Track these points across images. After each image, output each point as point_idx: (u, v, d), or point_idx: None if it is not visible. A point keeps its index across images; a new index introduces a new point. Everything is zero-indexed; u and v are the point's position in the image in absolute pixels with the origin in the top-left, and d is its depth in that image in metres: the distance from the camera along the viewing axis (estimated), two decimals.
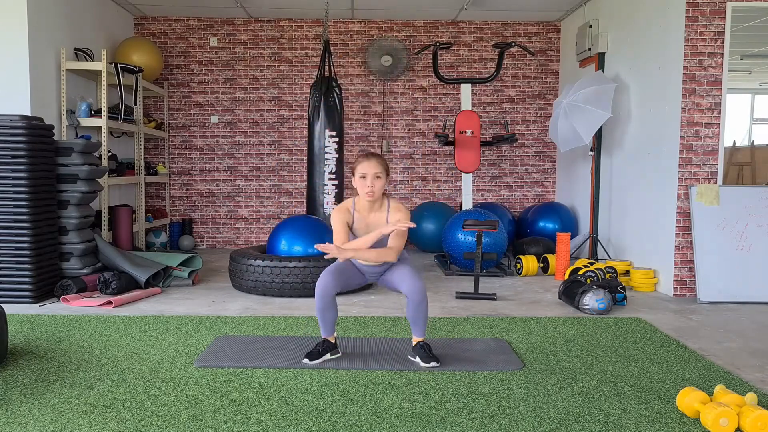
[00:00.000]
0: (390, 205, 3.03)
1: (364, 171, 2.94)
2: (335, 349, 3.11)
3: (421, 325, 3.05)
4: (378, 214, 3.02)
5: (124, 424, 2.30)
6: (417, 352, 3.05)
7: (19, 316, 3.92)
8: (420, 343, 3.06)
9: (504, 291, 4.94)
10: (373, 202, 3.00)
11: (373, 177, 2.94)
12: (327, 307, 2.99)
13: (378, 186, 2.95)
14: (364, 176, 2.94)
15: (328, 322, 3.04)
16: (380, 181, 2.95)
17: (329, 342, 3.09)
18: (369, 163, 2.95)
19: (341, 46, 7.55)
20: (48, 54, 5.36)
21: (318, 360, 3.02)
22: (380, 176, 2.95)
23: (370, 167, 2.94)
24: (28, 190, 4.29)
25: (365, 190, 2.94)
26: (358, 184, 2.97)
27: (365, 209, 3.02)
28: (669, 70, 4.94)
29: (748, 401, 2.38)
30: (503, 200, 7.77)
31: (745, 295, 4.59)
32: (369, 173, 2.94)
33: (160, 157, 7.57)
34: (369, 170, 2.94)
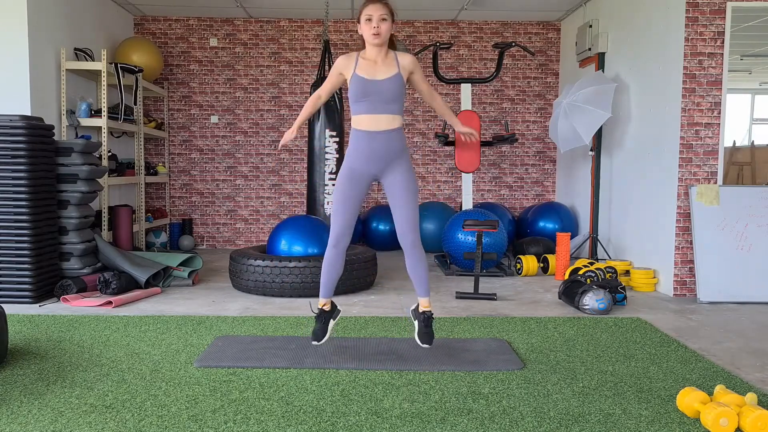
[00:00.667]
0: (397, 53, 2.97)
1: (369, 13, 2.88)
2: (335, 311, 3.08)
3: (423, 281, 2.98)
4: (386, 60, 2.94)
5: (124, 424, 2.30)
6: (417, 318, 3.01)
7: (19, 316, 3.92)
8: (426, 312, 3.00)
9: (504, 291, 4.94)
10: (380, 47, 2.92)
11: (379, 19, 2.87)
12: (337, 258, 2.95)
13: (384, 28, 2.87)
14: (370, 18, 2.88)
15: (333, 278, 2.99)
16: (386, 24, 2.88)
17: (325, 311, 3.04)
18: (374, 5, 2.89)
19: (341, 46, 7.55)
20: (48, 54, 5.36)
21: (326, 336, 2.99)
22: (386, 18, 2.88)
23: (375, 9, 2.87)
24: (28, 190, 4.29)
25: (371, 32, 2.87)
26: (363, 28, 2.90)
27: (372, 55, 2.93)
28: (669, 70, 4.94)
29: (748, 401, 2.38)
30: (503, 200, 7.77)
31: (745, 295, 4.59)
32: (374, 15, 2.87)
33: (160, 157, 7.57)
34: (374, 12, 2.87)
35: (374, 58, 2.93)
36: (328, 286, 3.03)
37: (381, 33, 2.87)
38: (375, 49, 2.92)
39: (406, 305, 4.37)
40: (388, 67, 2.92)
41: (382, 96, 2.88)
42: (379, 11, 2.87)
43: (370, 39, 2.89)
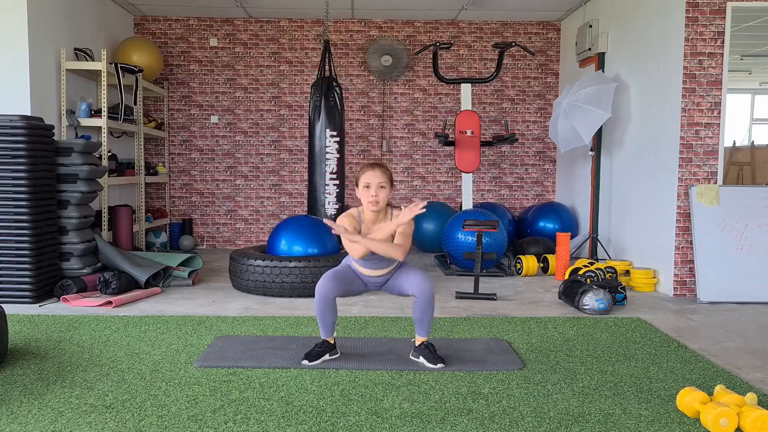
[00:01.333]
0: (394, 213, 3.02)
1: (368, 180, 2.94)
2: (334, 350, 3.11)
3: (426, 326, 3.04)
4: (383, 224, 3.00)
5: (124, 424, 2.30)
6: (421, 353, 3.04)
7: (19, 316, 3.92)
8: (424, 343, 3.06)
9: (504, 291, 4.94)
10: (377, 212, 2.99)
11: (377, 187, 2.93)
12: (326, 309, 2.99)
13: (382, 196, 2.94)
14: (368, 186, 2.94)
15: (328, 323, 3.04)
16: (384, 191, 2.95)
17: (328, 343, 3.08)
18: (373, 172, 2.94)
19: (341, 46, 7.55)
20: (48, 54, 5.36)
21: (317, 361, 3.02)
22: (384, 186, 2.94)
23: (374, 177, 2.93)
24: (28, 190, 4.29)
25: (369, 200, 2.94)
26: (362, 194, 2.97)
27: (370, 219, 3.01)
28: (669, 70, 4.94)
29: (748, 401, 2.38)
30: (503, 200, 7.77)
31: (745, 295, 4.59)
32: (373, 183, 2.93)
33: (160, 157, 7.57)
34: (373, 180, 2.93)
35: (372, 220, 3.02)
36: (326, 327, 3.06)
37: (379, 201, 2.94)
38: (373, 214, 3.00)
39: (406, 305, 4.37)
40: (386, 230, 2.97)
41: (380, 258, 2.97)
42: (377, 179, 2.93)
43: (368, 206, 2.96)
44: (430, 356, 3.01)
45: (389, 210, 3.05)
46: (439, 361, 2.98)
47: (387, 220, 3.02)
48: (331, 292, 2.95)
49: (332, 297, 2.97)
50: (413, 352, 3.11)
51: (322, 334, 3.08)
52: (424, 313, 2.99)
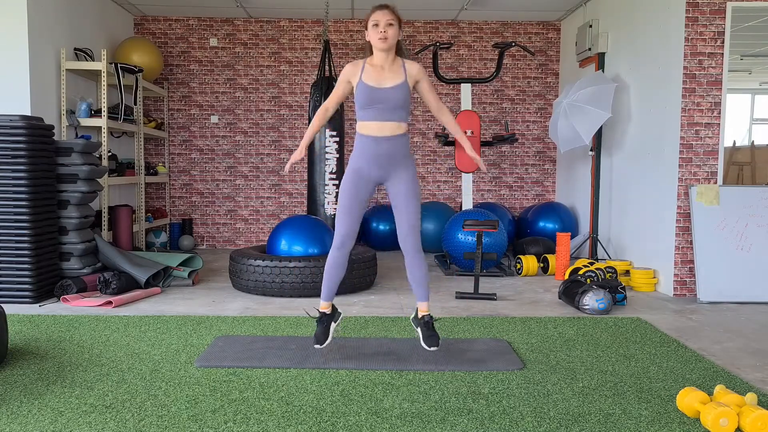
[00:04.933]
0: (404, 60, 2.98)
1: (376, 19, 2.89)
2: (337, 313, 3.09)
3: (422, 287, 3.00)
4: (393, 67, 2.95)
5: (124, 424, 2.30)
6: (419, 325, 3.01)
7: (19, 316, 3.92)
8: (426, 316, 3.01)
9: (504, 291, 4.94)
10: (387, 52, 2.93)
11: (386, 24, 2.88)
12: (341, 260, 2.97)
13: (391, 33, 2.89)
14: (377, 24, 2.89)
15: (335, 281, 3.01)
16: (393, 29, 2.90)
17: (326, 313, 3.04)
18: (381, 12, 2.90)
19: (341, 46, 7.55)
20: (48, 54, 5.36)
21: (328, 339, 2.99)
22: (393, 23, 2.90)
23: (382, 15, 2.89)
24: (28, 190, 4.29)
25: (378, 36, 2.88)
26: (370, 33, 2.92)
27: (379, 61, 2.95)
28: (669, 70, 4.94)
29: (748, 401, 2.38)
30: (503, 200, 7.77)
31: (745, 295, 4.59)
32: (381, 20, 2.88)
33: (160, 157, 7.57)
34: (381, 17, 2.89)
35: (381, 64, 2.94)
36: (330, 288, 3.04)
37: (388, 38, 2.88)
38: (382, 54, 2.93)
39: (406, 305, 4.37)
40: (394, 75, 2.93)
41: (389, 104, 2.90)
42: (386, 17, 2.89)
43: (378, 44, 2.90)
44: (426, 333, 2.96)
45: (399, 59, 2.97)
46: (433, 344, 2.92)
47: (396, 67, 2.94)
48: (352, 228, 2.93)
49: (354, 233, 2.94)
50: (414, 319, 3.08)
51: (322, 298, 3.04)
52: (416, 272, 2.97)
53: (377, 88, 2.90)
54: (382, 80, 2.91)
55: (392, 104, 2.90)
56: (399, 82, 2.92)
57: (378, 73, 2.92)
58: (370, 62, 2.96)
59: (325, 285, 3.03)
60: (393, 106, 2.90)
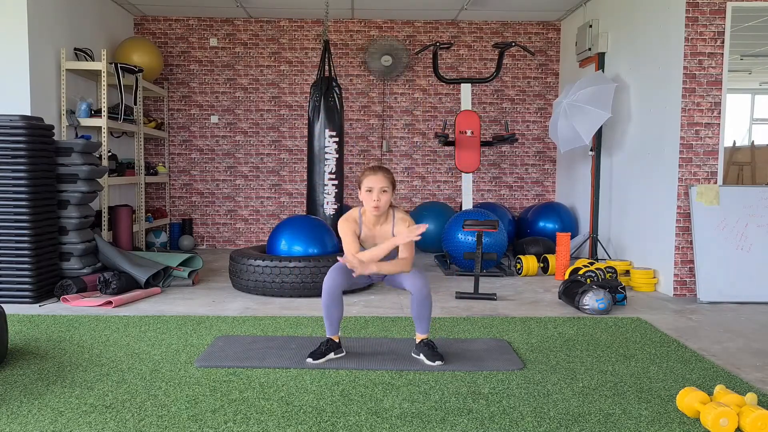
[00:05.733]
0: (395, 216, 3.06)
1: (370, 185, 2.97)
2: (339, 349, 3.12)
3: (425, 322, 3.07)
4: (384, 226, 3.06)
5: (124, 424, 2.30)
6: (421, 350, 3.06)
7: (19, 316, 3.92)
8: (424, 340, 3.08)
9: (504, 291, 4.94)
10: (379, 216, 3.03)
11: (380, 191, 2.96)
12: (333, 304, 3.00)
13: (384, 200, 2.98)
14: (371, 190, 2.97)
15: (334, 320, 3.05)
16: (386, 195, 2.98)
17: (333, 341, 3.10)
18: (375, 177, 2.98)
19: (341, 46, 7.55)
20: (48, 54, 5.36)
21: (321, 359, 3.03)
22: (386, 190, 2.98)
23: (376, 181, 2.97)
24: (28, 190, 4.29)
25: (372, 204, 2.97)
26: (364, 197, 3.00)
27: (371, 221, 3.06)
28: (669, 70, 4.94)
29: (748, 401, 2.38)
30: (503, 200, 7.77)
31: (745, 295, 4.59)
32: (375, 187, 2.96)
33: (160, 157, 7.57)
34: (375, 184, 2.97)
35: (374, 222, 3.06)
36: (332, 323, 3.08)
37: (380, 206, 2.98)
38: (374, 217, 3.04)
39: (406, 305, 4.37)
40: (385, 234, 3.05)
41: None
42: (380, 183, 2.97)
43: (371, 211, 3.01)
44: (429, 353, 3.02)
45: (390, 211, 3.08)
46: (438, 359, 2.99)
47: (388, 220, 3.06)
48: (338, 285, 2.98)
49: (339, 290, 2.99)
50: (414, 350, 3.13)
51: (327, 332, 3.09)
52: (421, 309, 3.02)
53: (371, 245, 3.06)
54: (375, 238, 3.06)
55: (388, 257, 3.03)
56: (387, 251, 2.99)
57: (371, 233, 3.06)
58: (364, 221, 3.07)
59: (326, 321, 3.07)
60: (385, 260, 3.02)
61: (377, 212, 2.99)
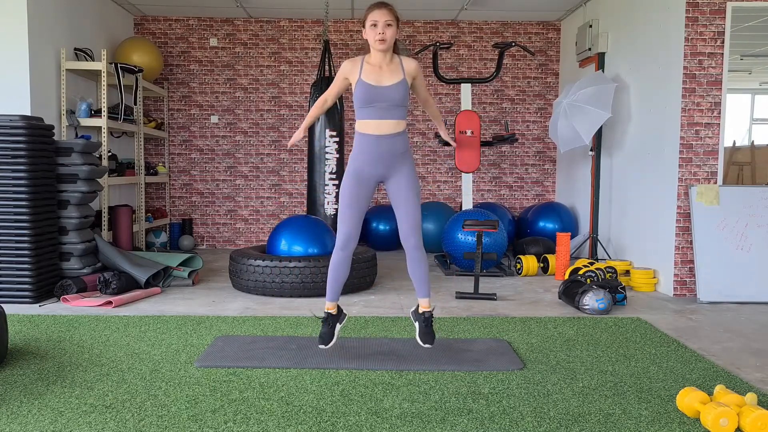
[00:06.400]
0: (402, 58, 2.99)
1: (374, 19, 2.89)
2: (342, 315, 3.09)
3: (423, 284, 3.01)
4: (391, 65, 2.96)
5: (124, 424, 2.30)
6: (418, 320, 3.03)
7: (19, 316, 3.92)
8: (426, 312, 3.02)
9: (504, 291, 4.94)
10: (384, 52, 2.94)
11: (384, 24, 2.88)
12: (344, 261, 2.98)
13: (389, 34, 2.89)
14: (375, 24, 2.89)
15: (340, 281, 3.02)
16: (391, 29, 2.90)
17: (332, 314, 3.05)
18: (380, 11, 2.90)
19: (341, 46, 7.55)
20: (48, 54, 5.36)
21: (333, 340, 3.00)
22: (391, 24, 2.90)
23: (380, 15, 2.89)
24: (28, 190, 4.29)
25: (376, 38, 2.89)
26: (368, 33, 2.92)
27: (377, 60, 2.95)
28: (669, 70, 4.94)
29: (748, 401, 2.38)
30: (503, 200, 7.77)
31: (745, 295, 4.59)
32: (380, 21, 2.88)
33: (160, 157, 7.57)
34: (380, 18, 2.88)
35: (379, 64, 2.95)
36: (334, 289, 3.04)
37: (386, 39, 2.89)
38: (380, 54, 2.94)
39: (406, 305, 4.37)
40: (393, 73, 2.94)
41: (388, 102, 2.91)
42: (384, 17, 2.89)
43: (375, 45, 2.90)
44: (423, 330, 2.98)
45: (396, 57, 2.99)
46: (428, 341, 2.95)
47: (395, 66, 2.96)
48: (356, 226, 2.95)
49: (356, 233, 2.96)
50: (414, 312, 3.09)
51: (328, 299, 3.05)
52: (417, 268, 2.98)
53: (376, 87, 2.91)
54: (381, 79, 2.92)
55: (392, 102, 2.91)
56: (398, 80, 2.93)
57: (377, 72, 2.93)
58: (368, 60, 2.97)
59: (329, 285, 3.04)
60: (392, 104, 2.91)
61: (383, 46, 2.89)
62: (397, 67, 2.96)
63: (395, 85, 2.91)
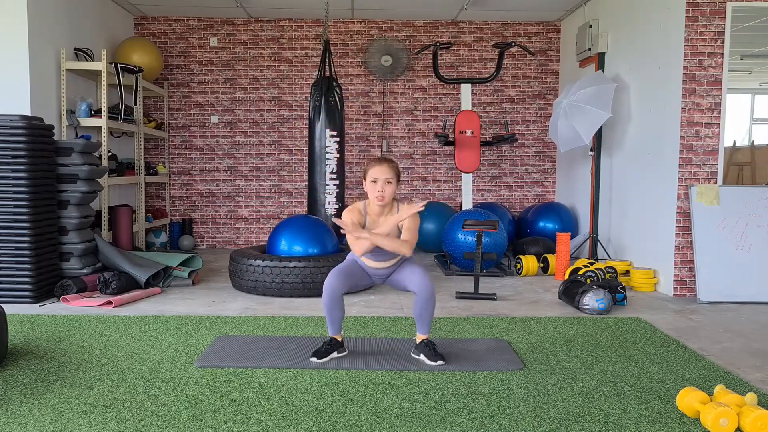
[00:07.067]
0: (400, 207, 3.03)
1: (375, 176, 2.96)
2: (342, 347, 3.12)
3: (427, 323, 3.06)
4: (390, 214, 3.03)
5: (124, 424, 2.30)
6: (422, 350, 3.06)
7: (19, 316, 3.92)
8: (425, 341, 3.08)
9: (504, 291, 4.94)
10: (383, 207, 3.02)
11: (384, 182, 2.95)
12: (334, 306, 3.01)
13: (388, 191, 2.96)
14: (375, 181, 2.96)
15: (336, 320, 3.06)
16: (391, 187, 2.97)
17: (336, 340, 3.10)
18: (380, 167, 2.97)
19: (341, 46, 7.55)
20: (48, 54, 5.36)
21: (325, 358, 3.03)
22: (391, 181, 2.97)
23: (381, 172, 2.96)
24: (28, 190, 4.29)
25: (375, 195, 2.96)
26: (368, 188, 2.99)
27: (376, 213, 3.04)
28: (669, 70, 4.94)
29: (748, 401, 2.38)
30: (503, 200, 7.77)
31: (745, 295, 4.59)
32: (380, 178, 2.95)
33: (160, 157, 7.57)
34: (380, 175, 2.95)
35: (378, 214, 3.04)
36: (334, 323, 3.08)
37: (385, 197, 2.97)
38: (379, 208, 3.02)
39: (406, 305, 4.37)
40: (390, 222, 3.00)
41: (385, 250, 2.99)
42: (384, 174, 2.96)
43: (375, 201, 2.99)
44: (430, 354, 3.02)
45: (395, 204, 3.06)
46: (439, 359, 2.99)
47: (393, 212, 3.04)
48: (338, 288, 2.98)
49: (340, 293, 2.99)
50: (414, 350, 3.13)
51: (330, 332, 3.10)
52: (424, 310, 3.01)
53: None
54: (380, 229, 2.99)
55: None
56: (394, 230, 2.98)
57: (376, 225, 3.02)
58: (369, 211, 3.06)
59: (328, 321, 3.08)
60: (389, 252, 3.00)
61: (381, 203, 2.97)
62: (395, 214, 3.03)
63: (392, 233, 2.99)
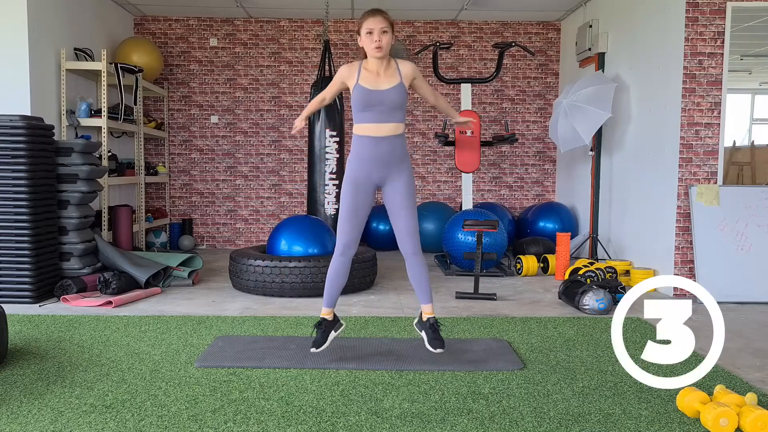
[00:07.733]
0: (398, 61, 3.01)
1: (370, 27, 2.92)
2: (338, 323, 3.10)
3: (425, 290, 3.01)
4: (389, 70, 2.98)
5: (124, 424, 2.30)
6: (424, 329, 3.01)
7: (19, 316, 3.92)
8: (431, 319, 3.01)
9: (504, 291, 4.94)
10: (381, 59, 2.96)
11: (380, 32, 2.91)
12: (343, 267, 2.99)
13: (385, 40, 2.92)
14: (371, 32, 2.91)
15: (336, 289, 3.03)
16: (387, 36, 2.92)
17: (327, 320, 3.05)
18: (374, 18, 2.92)
19: (341, 46, 7.55)
20: (48, 54, 5.36)
21: (325, 344, 3.00)
22: (386, 30, 2.92)
23: (376, 23, 2.91)
24: (28, 190, 4.29)
25: (373, 45, 2.91)
26: (364, 41, 2.95)
27: (374, 66, 2.98)
28: (669, 70, 4.94)
29: (748, 401, 2.38)
30: (503, 200, 7.77)
31: (745, 295, 4.59)
32: (375, 28, 2.91)
33: (160, 157, 7.57)
34: (375, 25, 2.91)
35: (376, 70, 2.98)
36: (331, 295, 3.05)
37: (383, 46, 2.92)
38: (377, 61, 2.97)
39: (406, 305, 4.37)
40: (390, 78, 2.97)
41: (386, 106, 2.94)
42: (379, 24, 2.91)
43: (373, 52, 2.94)
44: (432, 337, 2.96)
45: (393, 61, 3.02)
46: (439, 347, 2.93)
47: (391, 70, 2.99)
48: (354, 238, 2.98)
49: (356, 243, 2.99)
50: (418, 324, 3.08)
51: (325, 306, 3.05)
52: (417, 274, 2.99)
53: (374, 91, 2.94)
54: (379, 83, 2.95)
55: (390, 106, 2.94)
56: (395, 83, 2.96)
57: (374, 77, 2.97)
58: (365, 66, 3.00)
59: (327, 291, 3.05)
60: (391, 107, 2.94)
61: (380, 53, 2.92)
62: (394, 72, 2.99)
63: (393, 88, 2.95)
